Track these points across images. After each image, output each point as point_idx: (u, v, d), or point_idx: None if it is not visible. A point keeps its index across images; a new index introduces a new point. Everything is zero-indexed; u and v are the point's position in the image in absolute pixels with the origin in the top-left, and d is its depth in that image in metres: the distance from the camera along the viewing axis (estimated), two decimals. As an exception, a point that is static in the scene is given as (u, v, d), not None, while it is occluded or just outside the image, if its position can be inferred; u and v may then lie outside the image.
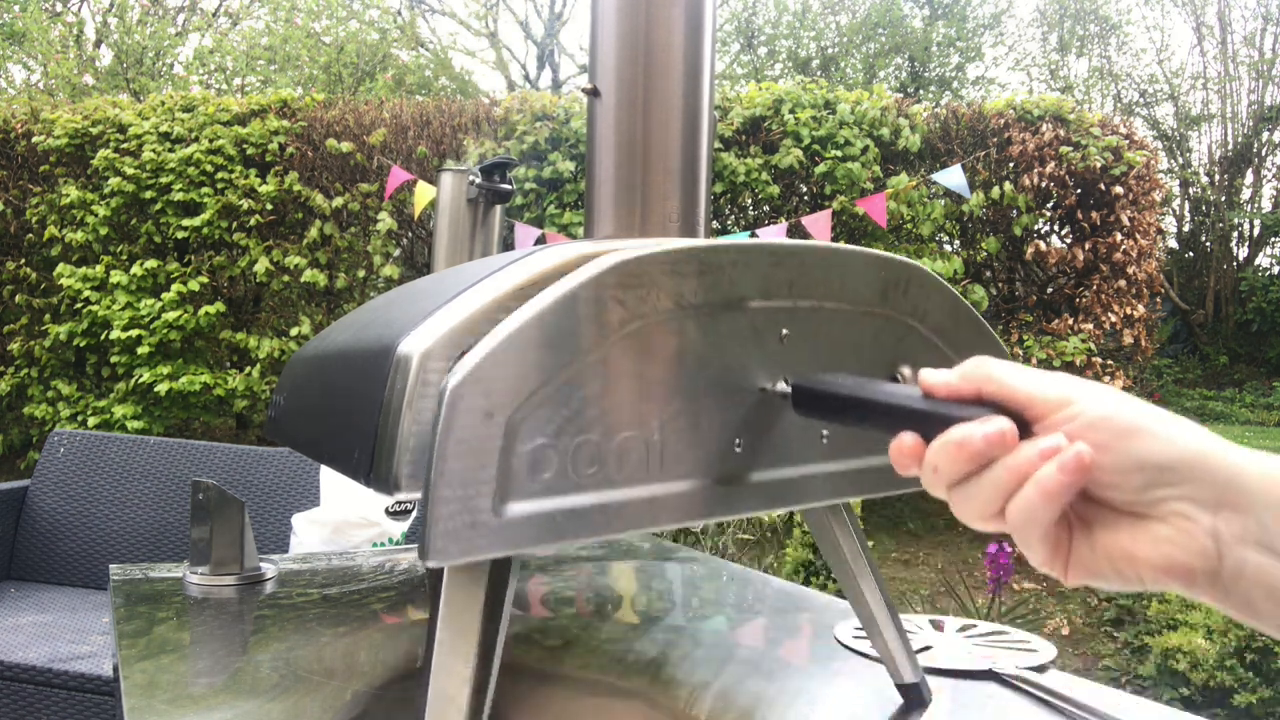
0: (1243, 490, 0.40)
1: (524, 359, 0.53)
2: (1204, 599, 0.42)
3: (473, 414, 0.51)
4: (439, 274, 0.87)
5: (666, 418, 0.59)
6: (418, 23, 12.42)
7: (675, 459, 0.59)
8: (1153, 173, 5.23)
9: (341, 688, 0.84)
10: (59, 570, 2.78)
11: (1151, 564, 0.42)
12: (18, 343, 5.11)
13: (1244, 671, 3.08)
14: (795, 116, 4.94)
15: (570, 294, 0.55)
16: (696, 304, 0.60)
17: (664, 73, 0.82)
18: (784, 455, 0.64)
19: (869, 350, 0.68)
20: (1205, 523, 0.41)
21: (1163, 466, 0.41)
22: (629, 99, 0.82)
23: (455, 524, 0.51)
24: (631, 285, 0.57)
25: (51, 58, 8.38)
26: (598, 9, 0.84)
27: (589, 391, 0.56)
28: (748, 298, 0.62)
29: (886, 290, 0.69)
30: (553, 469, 0.54)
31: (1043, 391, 0.44)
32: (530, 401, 0.53)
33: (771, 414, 0.63)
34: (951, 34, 12.66)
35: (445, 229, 1.36)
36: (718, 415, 0.61)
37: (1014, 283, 5.53)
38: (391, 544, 2.24)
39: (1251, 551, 0.40)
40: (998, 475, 0.43)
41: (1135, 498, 0.42)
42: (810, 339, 0.65)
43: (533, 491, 0.54)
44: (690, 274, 0.60)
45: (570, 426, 0.55)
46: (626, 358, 0.57)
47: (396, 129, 5.07)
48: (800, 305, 0.65)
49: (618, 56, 0.82)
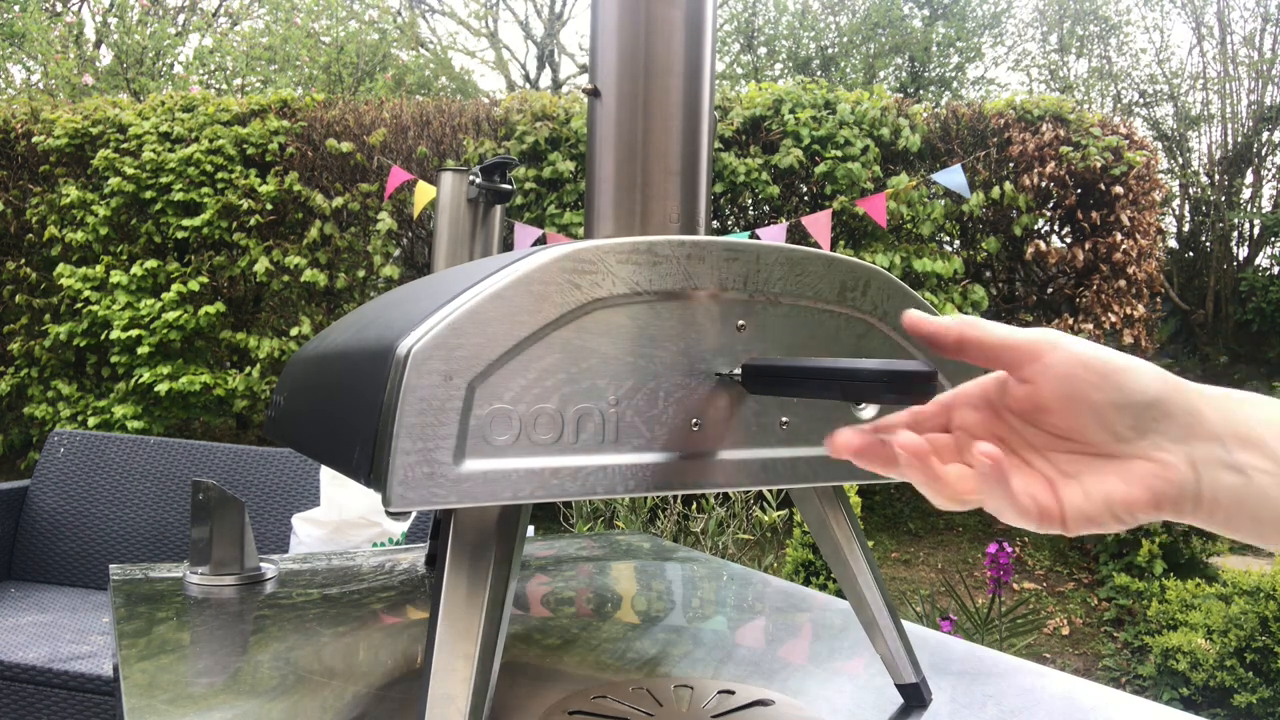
0: (1205, 419, 0.45)
1: (484, 330, 0.57)
2: (1188, 521, 0.46)
3: (433, 375, 0.55)
4: (439, 274, 0.87)
5: (622, 394, 0.62)
6: (418, 23, 12.42)
7: (631, 432, 0.62)
8: (1153, 173, 5.23)
9: (341, 688, 0.84)
10: (59, 570, 2.78)
11: (1143, 502, 0.45)
12: (18, 343, 5.12)
13: (1244, 671, 3.08)
14: (795, 116, 4.94)
15: (528, 275, 0.59)
16: (652, 291, 0.63)
17: (664, 73, 0.82)
18: (743, 438, 0.67)
19: (828, 346, 0.70)
20: (1181, 454, 0.45)
21: (1148, 402, 0.45)
22: (629, 99, 0.82)
23: (414, 474, 0.55)
24: (586, 271, 0.61)
25: (51, 58, 8.38)
26: (598, 9, 0.84)
27: (546, 364, 0.60)
28: (703, 289, 0.65)
29: (844, 290, 0.71)
30: (511, 433, 0.58)
31: (1020, 340, 0.47)
32: (490, 369, 0.58)
33: (729, 399, 0.66)
34: (951, 34, 12.65)
35: (445, 229, 1.36)
36: (675, 394, 0.64)
37: (1014, 283, 5.53)
38: (391, 544, 2.24)
39: (1221, 473, 0.44)
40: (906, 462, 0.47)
41: (1116, 439, 0.45)
42: (768, 331, 0.68)
43: (490, 451, 0.58)
44: (644, 264, 0.63)
45: (527, 395, 0.59)
46: (583, 336, 0.61)
47: (396, 129, 5.07)
48: (756, 299, 0.67)
49: (618, 56, 0.82)
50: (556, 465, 0.60)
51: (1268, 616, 3.08)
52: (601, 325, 0.62)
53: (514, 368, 0.58)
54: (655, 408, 0.63)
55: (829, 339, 0.70)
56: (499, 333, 0.58)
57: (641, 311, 0.63)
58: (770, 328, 0.68)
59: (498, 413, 0.58)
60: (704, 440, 0.65)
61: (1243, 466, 0.44)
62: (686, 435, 0.64)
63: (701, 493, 0.64)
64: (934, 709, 0.86)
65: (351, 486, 2.23)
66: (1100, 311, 5.05)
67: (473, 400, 0.57)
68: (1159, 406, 0.45)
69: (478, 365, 0.57)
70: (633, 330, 0.63)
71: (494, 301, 0.58)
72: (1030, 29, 13.44)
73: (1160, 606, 3.57)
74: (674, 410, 0.64)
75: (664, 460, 0.63)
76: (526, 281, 0.59)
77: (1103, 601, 4.38)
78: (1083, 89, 11.65)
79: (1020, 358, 0.47)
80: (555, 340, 0.60)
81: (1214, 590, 3.53)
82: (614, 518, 3.79)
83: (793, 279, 0.69)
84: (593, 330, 0.61)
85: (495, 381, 0.58)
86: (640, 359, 0.63)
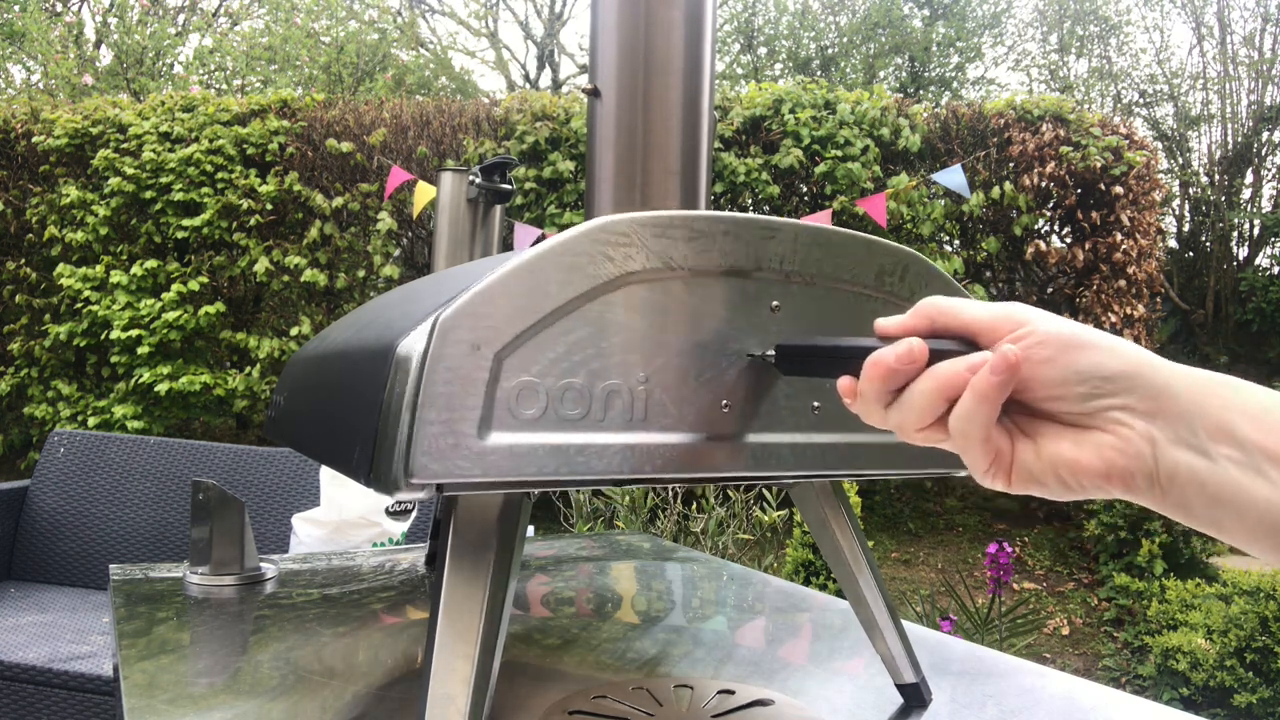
0: (1175, 398, 0.44)
1: (513, 302, 0.56)
2: (1142, 501, 0.46)
3: (460, 345, 0.54)
4: (439, 274, 0.87)
5: (652, 371, 0.61)
6: (417, 23, 12.42)
7: (660, 411, 0.61)
8: (1153, 173, 5.23)
9: (341, 688, 0.84)
10: (59, 570, 2.78)
11: (1094, 470, 0.45)
12: (18, 343, 5.12)
13: (1244, 671, 3.08)
14: (795, 116, 4.94)
15: (561, 244, 0.57)
16: (686, 267, 0.62)
17: (664, 73, 0.82)
18: (773, 422, 0.65)
19: (863, 329, 0.68)
20: (1141, 429, 0.44)
21: (1105, 377, 0.45)
22: (629, 99, 0.82)
23: (439, 444, 0.53)
24: (620, 244, 0.59)
25: (51, 58, 8.37)
26: (598, 9, 0.84)
27: (575, 338, 0.58)
28: (738, 267, 0.64)
29: (882, 274, 0.70)
30: (537, 406, 0.57)
31: (992, 316, 0.48)
32: (518, 340, 0.56)
33: (761, 380, 0.65)
34: (951, 34, 12.65)
35: (445, 229, 1.36)
36: (705, 374, 0.62)
37: (1014, 283, 5.52)
38: (391, 544, 2.24)
39: (1183, 453, 0.44)
40: (925, 387, 0.47)
41: (1078, 408, 0.45)
42: (802, 312, 0.66)
43: (516, 425, 0.56)
44: (679, 239, 0.61)
45: (556, 369, 0.57)
46: (613, 310, 0.59)
47: (396, 129, 5.07)
48: (793, 279, 0.66)
49: (618, 56, 0.82)
50: (583, 442, 0.58)
51: (1268, 616, 3.08)
52: (633, 300, 0.60)
53: (542, 340, 0.57)
54: (685, 387, 0.62)
55: (865, 323, 0.68)
56: (528, 304, 0.56)
57: (674, 287, 0.61)
58: (805, 309, 0.66)
59: (525, 386, 0.56)
60: (733, 422, 0.63)
61: (1208, 451, 0.43)
62: (716, 416, 0.63)
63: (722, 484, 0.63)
64: (934, 709, 0.86)
65: (351, 486, 2.23)
66: (1100, 311, 5.04)
67: (500, 372, 0.55)
68: (1121, 380, 0.44)
69: (505, 336, 0.55)
70: (665, 306, 0.61)
71: (524, 272, 0.56)
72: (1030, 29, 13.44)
73: (1160, 606, 3.57)
74: (704, 390, 0.62)
75: (692, 441, 0.62)
76: (558, 252, 0.57)
77: (1103, 601, 4.38)
78: (1083, 89, 11.65)
79: (994, 334, 0.47)
80: (585, 314, 0.58)
81: (1214, 590, 3.53)
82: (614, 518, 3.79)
83: (830, 261, 0.67)
84: (624, 305, 0.60)
85: (523, 354, 0.56)
86: (671, 336, 0.61)
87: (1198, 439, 0.43)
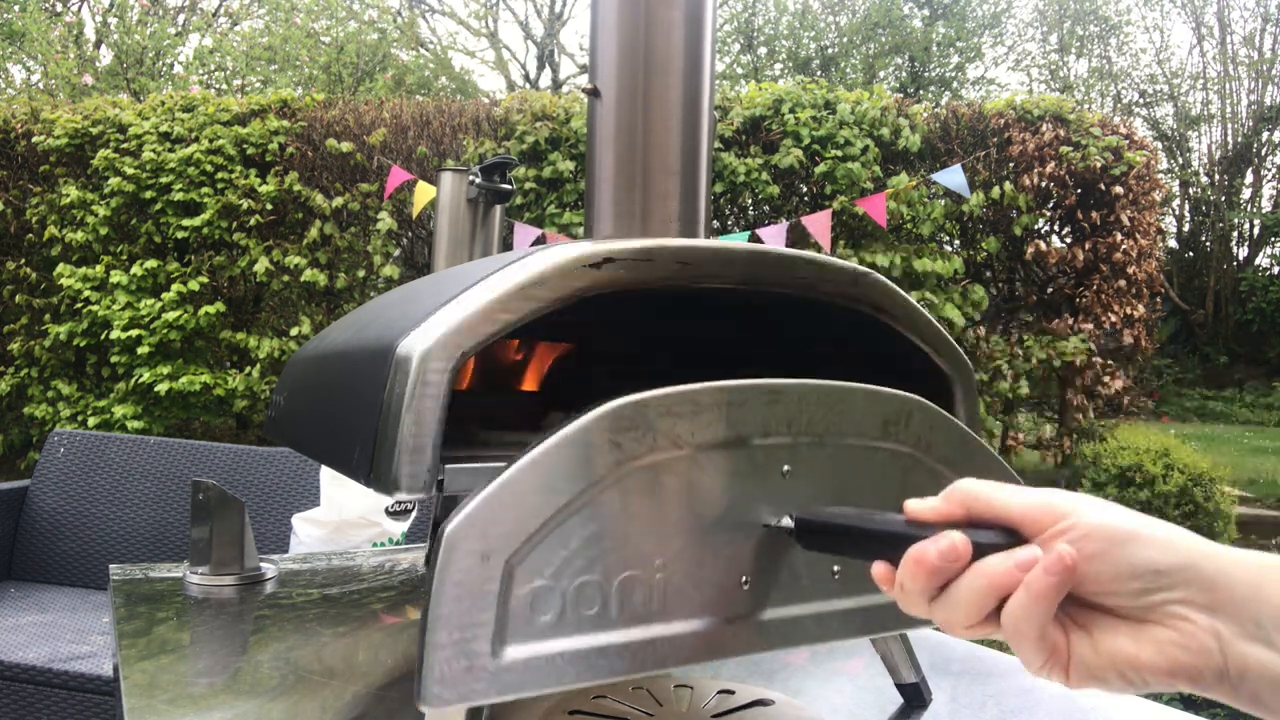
0: (1232, 587, 0.42)
1: (521, 503, 0.53)
2: (1213, 696, 0.43)
3: (470, 556, 0.51)
4: (439, 274, 0.87)
5: (668, 557, 0.58)
6: (417, 23, 12.42)
7: (679, 598, 0.59)
8: (1153, 173, 5.23)
9: (341, 688, 0.84)
10: (59, 570, 2.78)
11: (1156, 667, 0.43)
12: (18, 343, 5.12)
13: (1244, 671, 3.08)
14: (795, 116, 4.94)
15: (566, 438, 0.55)
16: (694, 444, 0.60)
17: (664, 73, 0.82)
18: (794, 593, 0.63)
19: (874, 484, 0.67)
20: (1205, 623, 0.42)
21: (1159, 571, 0.43)
22: (629, 99, 0.82)
23: (451, 669, 0.51)
24: (628, 429, 0.57)
25: (51, 58, 8.38)
26: (598, 9, 0.84)
27: (588, 532, 0.56)
28: (746, 436, 0.62)
29: (887, 424, 0.68)
30: (552, 610, 0.54)
31: (1034, 505, 0.46)
32: (529, 543, 0.53)
33: (778, 550, 0.63)
34: (951, 34, 12.65)
35: (445, 229, 1.36)
36: (722, 553, 0.60)
37: (1014, 283, 5.52)
38: (391, 544, 2.24)
39: (1252, 647, 0.41)
40: (975, 584, 0.45)
41: (1133, 603, 0.43)
42: (813, 474, 0.64)
43: (532, 634, 0.54)
44: (686, 415, 0.59)
45: (569, 567, 0.55)
46: (625, 499, 0.57)
47: (396, 129, 5.07)
48: (801, 441, 0.64)
49: (618, 56, 0.82)
50: (603, 643, 0.56)
51: (1268, 616, 3.08)
52: (644, 484, 0.58)
53: (554, 540, 0.54)
54: (703, 569, 0.59)
55: (876, 476, 0.67)
56: (538, 504, 0.54)
57: (684, 465, 0.59)
58: (816, 470, 0.64)
59: (539, 590, 0.54)
60: (755, 599, 0.61)
61: (1276, 641, 0.40)
62: (737, 595, 0.61)
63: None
64: (934, 709, 0.86)
65: (351, 486, 2.23)
66: (1100, 311, 5.05)
67: (512, 580, 0.53)
68: (1176, 574, 0.42)
69: (516, 541, 0.53)
70: (676, 487, 0.59)
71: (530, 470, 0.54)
72: (1030, 29, 13.43)
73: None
74: (723, 569, 0.60)
75: (714, 626, 0.60)
76: (564, 445, 0.55)
77: (1103, 601, 4.39)
78: (1083, 89, 11.64)
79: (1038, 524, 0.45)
80: (597, 505, 0.56)
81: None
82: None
83: (835, 417, 0.65)
84: (635, 490, 0.57)
85: (535, 556, 0.53)
86: (686, 516, 0.59)
87: (1263, 630, 0.41)
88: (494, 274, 0.62)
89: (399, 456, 0.56)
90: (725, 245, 0.70)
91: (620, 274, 0.65)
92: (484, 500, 0.52)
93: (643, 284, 0.66)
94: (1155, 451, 4.32)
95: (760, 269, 0.71)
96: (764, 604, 0.62)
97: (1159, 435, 4.58)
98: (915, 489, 0.68)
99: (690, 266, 0.68)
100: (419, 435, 0.57)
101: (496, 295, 0.60)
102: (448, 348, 0.58)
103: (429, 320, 0.59)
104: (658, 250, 0.66)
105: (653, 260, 0.66)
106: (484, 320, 0.60)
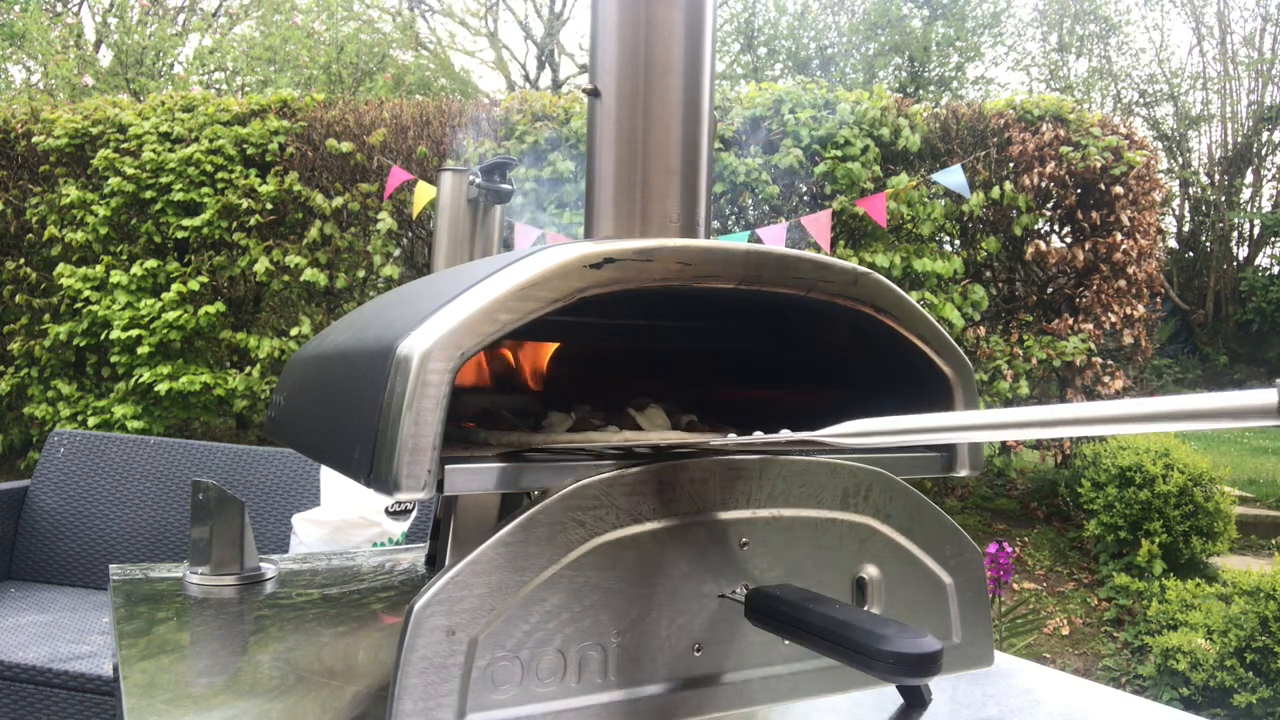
0: None
1: (487, 580, 0.56)
2: None
3: (436, 632, 0.55)
4: (439, 274, 0.87)
5: (624, 626, 0.61)
6: (417, 23, 12.42)
7: (633, 666, 0.61)
8: (1153, 173, 5.22)
9: (341, 688, 0.84)
10: (59, 570, 2.78)
11: None
12: (18, 343, 5.12)
13: (1244, 671, 3.08)
14: (795, 116, 4.94)
15: (532, 519, 0.58)
16: (654, 519, 0.62)
17: (664, 73, 0.82)
18: (745, 658, 0.65)
19: (832, 553, 0.69)
20: None
21: None
22: (629, 99, 0.82)
23: None
24: (590, 507, 0.59)
25: (51, 58, 8.37)
26: (598, 9, 0.84)
27: (549, 606, 0.59)
28: (705, 510, 0.64)
29: (846, 496, 0.70)
30: (512, 681, 0.58)
31: None
32: (492, 618, 0.57)
33: (732, 618, 0.65)
34: (951, 34, 12.65)
35: (445, 229, 1.36)
36: (676, 622, 0.63)
37: (1014, 283, 5.52)
38: (391, 544, 2.24)
39: None
40: None
41: None
42: (770, 546, 0.66)
43: (492, 704, 0.57)
44: (648, 494, 0.61)
45: (530, 639, 0.58)
46: (585, 573, 0.60)
47: (396, 129, 5.07)
48: (759, 515, 0.66)
49: (618, 56, 0.82)
50: (559, 709, 0.59)
51: (1268, 616, 3.08)
52: (605, 559, 0.60)
53: (517, 615, 0.57)
54: (658, 637, 0.62)
55: (832, 548, 0.69)
56: (502, 580, 0.57)
57: (645, 539, 0.62)
58: (773, 542, 0.67)
59: (500, 661, 0.57)
60: (706, 665, 0.64)
61: None
62: (689, 662, 0.63)
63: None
64: (934, 709, 0.85)
65: (351, 486, 2.23)
66: (1100, 311, 5.04)
67: (474, 653, 0.56)
68: None
69: (480, 618, 0.56)
70: (636, 560, 0.61)
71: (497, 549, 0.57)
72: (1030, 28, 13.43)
73: (1160, 606, 3.57)
74: (676, 637, 0.63)
75: (666, 691, 0.62)
76: (530, 525, 0.57)
77: (1103, 601, 4.38)
78: (1083, 89, 11.64)
79: None
80: (559, 580, 0.59)
81: (1214, 590, 3.53)
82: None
83: (795, 491, 0.68)
84: (596, 565, 0.60)
85: (498, 630, 0.57)
86: (643, 589, 0.62)
87: None
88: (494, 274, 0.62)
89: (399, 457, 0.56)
90: (725, 245, 0.70)
91: (620, 274, 0.65)
92: (451, 579, 0.55)
93: (643, 284, 0.66)
94: (1155, 451, 4.32)
95: (760, 269, 0.71)
96: (716, 670, 0.64)
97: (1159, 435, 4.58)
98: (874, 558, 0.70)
99: (690, 266, 0.68)
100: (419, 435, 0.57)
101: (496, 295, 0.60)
102: (448, 348, 0.58)
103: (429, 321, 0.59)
104: (658, 250, 0.66)
105: (653, 260, 0.66)
106: (484, 320, 0.60)
